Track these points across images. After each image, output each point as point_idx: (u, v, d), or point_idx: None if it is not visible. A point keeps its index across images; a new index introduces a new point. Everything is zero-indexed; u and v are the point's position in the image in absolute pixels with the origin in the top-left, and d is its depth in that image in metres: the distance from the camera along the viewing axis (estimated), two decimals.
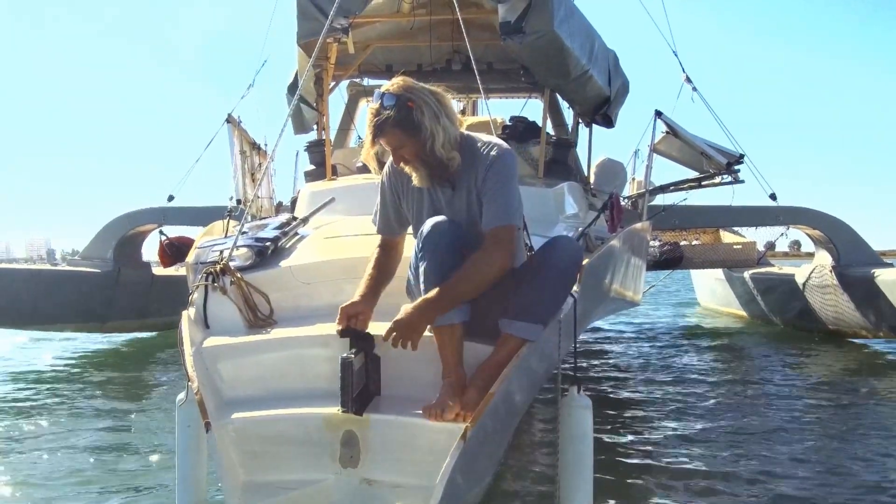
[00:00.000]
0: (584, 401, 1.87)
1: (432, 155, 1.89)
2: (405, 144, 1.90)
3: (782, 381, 4.94)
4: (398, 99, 1.87)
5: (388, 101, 1.87)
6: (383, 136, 1.89)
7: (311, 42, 3.99)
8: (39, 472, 2.98)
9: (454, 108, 1.98)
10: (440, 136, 1.88)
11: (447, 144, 1.90)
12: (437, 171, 1.94)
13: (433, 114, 1.88)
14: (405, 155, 1.93)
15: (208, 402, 1.77)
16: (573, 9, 4.30)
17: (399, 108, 1.86)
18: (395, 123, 1.86)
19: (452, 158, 1.92)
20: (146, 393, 4.80)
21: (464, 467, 1.51)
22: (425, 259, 1.86)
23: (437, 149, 1.88)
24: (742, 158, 5.59)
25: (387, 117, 1.86)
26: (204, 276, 2.17)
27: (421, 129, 1.87)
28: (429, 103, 1.89)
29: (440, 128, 1.88)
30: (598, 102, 5.04)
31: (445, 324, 1.82)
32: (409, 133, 1.88)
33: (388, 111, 1.86)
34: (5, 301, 5.92)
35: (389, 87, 1.90)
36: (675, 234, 8.09)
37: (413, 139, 1.88)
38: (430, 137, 1.87)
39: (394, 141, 1.90)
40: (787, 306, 7.43)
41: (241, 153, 5.79)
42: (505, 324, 1.83)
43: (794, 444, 3.28)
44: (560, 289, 1.89)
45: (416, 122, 1.87)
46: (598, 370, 5.49)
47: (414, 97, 1.88)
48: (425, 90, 1.92)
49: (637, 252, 4.17)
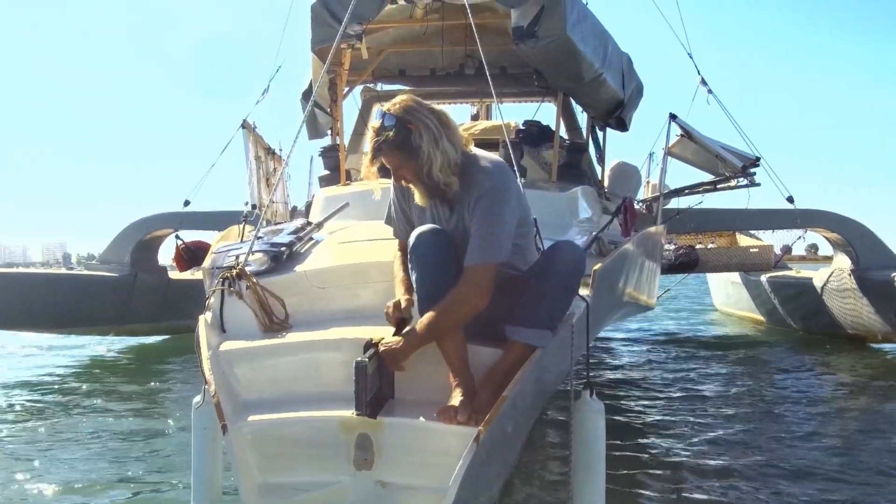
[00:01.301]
0: (596, 404, 1.87)
1: (429, 178, 1.90)
2: (404, 166, 1.92)
3: (799, 385, 4.88)
4: (398, 120, 1.86)
5: (388, 121, 1.87)
6: (382, 155, 1.91)
7: (324, 48, 4.04)
8: (56, 473, 3.03)
9: (457, 128, 1.97)
10: (437, 160, 1.87)
11: (445, 169, 1.89)
12: (435, 193, 1.95)
13: (433, 137, 1.87)
14: (405, 175, 1.95)
15: (225, 404, 1.79)
16: (586, 12, 4.31)
17: (399, 130, 1.86)
18: (394, 145, 1.87)
19: (450, 184, 1.91)
20: (161, 396, 4.85)
21: (477, 470, 1.52)
22: (414, 270, 1.91)
23: (435, 173, 1.88)
24: (758, 161, 5.54)
25: (386, 138, 1.87)
26: (220, 280, 2.20)
27: (419, 152, 1.87)
28: (429, 126, 1.88)
29: (438, 152, 1.87)
30: (611, 106, 5.04)
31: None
32: (408, 155, 1.88)
33: (387, 132, 1.86)
34: (26, 305, 6.04)
35: (391, 107, 1.90)
36: (691, 237, 8.03)
37: (411, 161, 1.89)
38: (427, 161, 1.87)
39: (393, 162, 1.92)
40: (805, 310, 7.34)
41: (255, 158, 5.85)
42: (511, 330, 1.85)
43: (812, 450, 3.24)
44: (563, 294, 1.90)
45: (415, 145, 1.86)
46: (612, 374, 5.46)
47: (414, 120, 1.87)
48: (427, 111, 1.91)
49: (651, 256, 4.16)
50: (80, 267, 7.97)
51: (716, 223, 7.33)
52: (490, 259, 1.87)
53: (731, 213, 6.97)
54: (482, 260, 1.86)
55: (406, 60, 5.51)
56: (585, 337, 2.05)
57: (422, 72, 5.48)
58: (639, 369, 5.76)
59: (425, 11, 4.64)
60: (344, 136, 4.84)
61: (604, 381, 5.07)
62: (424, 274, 1.89)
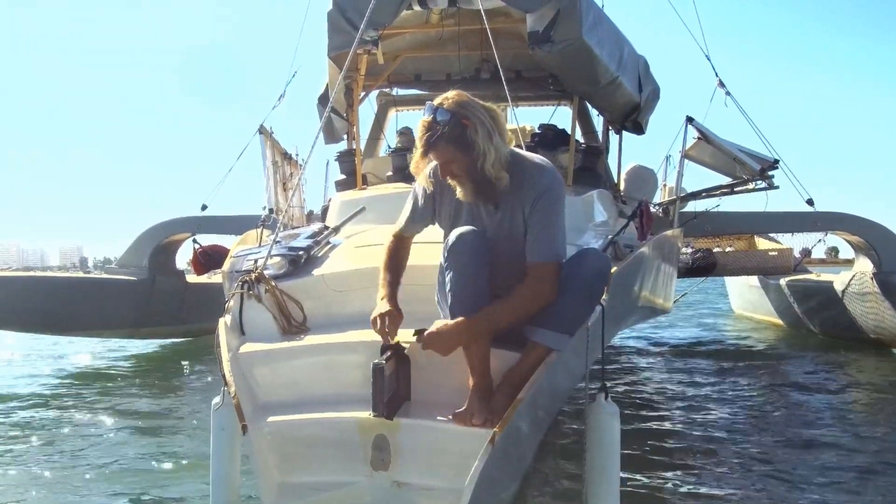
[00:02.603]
0: (611, 408, 1.88)
1: (481, 173, 1.90)
2: (456, 160, 1.90)
3: (820, 390, 4.82)
4: (453, 116, 1.86)
5: (441, 115, 1.86)
6: (434, 150, 1.90)
7: (341, 54, 4.08)
8: (74, 473, 3.09)
9: (506, 125, 1.98)
10: (491, 155, 1.87)
11: (497, 164, 1.89)
12: (483, 189, 1.94)
13: (487, 133, 1.87)
14: (454, 170, 1.93)
15: (245, 405, 1.83)
16: (602, 16, 4.30)
17: (453, 125, 1.85)
18: (449, 140, 1.86)
19: (501, 178, 1.92)
20: (178, 397, 4.92)
21: (492, 471, 1.53)
22: (451, 269, 1.88)
23: (488, 168, 1.88)
24: (777, 164, 5.49)
25: (441, 133, 1.86)
26: (240, 284, 2.24)
27: (474, 147, 1.86)
28: (483, 122, 1.88)
29: (492, 147, 1.87)
30: (627, 109, 5.02)
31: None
32: (462, 150, 1.88)
33: (441, 126, 1.86)
34: (45, 308, 6.14)
35: (443, 102, 1.89)
36: (709, 240, 7.96)
37: (465, 157, 1.88)
38: (481, 156, 1.87)
39: (445, 156, 1.90)
40: (826, 314, 7.24)
41: (273, 163, 5.91)
42: (531, 332, 1.85)
43: (833, 456, 3.20)
44: (587, 301, 1.90)
45: (470, 140, 1.86)
46: (627, 377, 5.43)
47: (469, 115, 1.87)
48: (480, 108, 1.91)
49: (667, 259, 4.14)
50: (98, 271, 8.11)
51: (733, 226, 7.26)
52: (557, 257, 1.90)
53: (750, 216, 6.90)
54: (551, 257, 1.90)
55: (422, 65, 5.54)
56: (601, 340, 2.05)
57: (437, 76, 5.51)
58: (655, 373, 5.72)
59: (441, 17, 4.67)
60: (360, 141, 4.87)
61: (619, 385, 5.04)
62: (464, 275, 1.86)
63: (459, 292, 1.86)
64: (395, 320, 1.91)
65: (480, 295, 1.87)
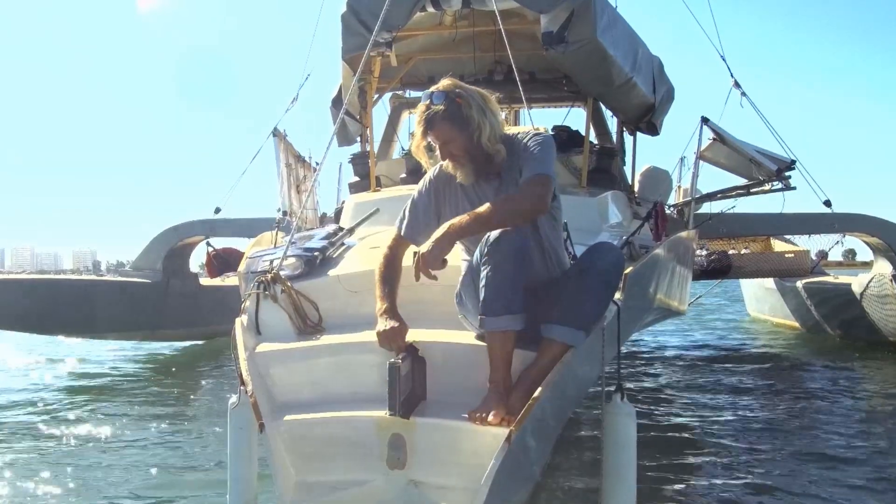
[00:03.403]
0: (627, 408, 1.87)
1: (479, 148, 1.98)
2: (454, 138, 1.98)
3: (838, 394, 4.76)
4: (447, 95, 1.97)
5: (437, 98, 1.97)
6: (433, 130, 1.98)
7: (355, 56, 4.10)
8: (90, 475, 3.12)
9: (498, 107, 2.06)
10: (486, 129, 1.96)
11: (493, 137, 1.98)
12: (483, 166, 2.02)
13: (480, 108, 1.97)
14: (453, 150, 2.00)
15: (261, 404, 1.84)
16: (616, 17, 4.29)
17: (448, 103, 1.95)
18: (445, 117, 1.95)
19: (498, 151, 2.00)
20: (193, 398, 4.95)
21: (508, 470, 1.53)
22: (490, 264, 1.82)
23: (484, 141, 1.97)
24: (793, 164, 5.44)
25: (436, 111, 1.95)
26: (256, 284, 2.25)
27: (469, 122, 1.95)
28: (475, 99, 1.98)
29: (486, 122, 1.97)
30: (642, 110, 5.00)
31: (500, 329, 1.82)
32: (458, 126, 1.96)
33: (437, 106, 1.95)
34: (60, 310, 6.19)
35: (438, 87, 2.00)
36: (724, 242, 7.89)
37: (462, 133, 1.97)
38: (477, 130, 1.96)
39: (443, 135, 1.98)
40: (843, 317, 7.15)
41: (286, 166, 5.95)
42: (547, 328, 1.84)
43: (849, 463, 3.15)
44: (602, 294, 1.90)
45: (465, 115, 1.95)
46: (643, 378, 5.40)
47: (462, 94, 1.98)
48: (472, 88, 2.03)
49: (682, 261, 4.11)
50: (111, 274, 8.20)
51: (749, 228, 7.20)
52: (550, 172, 1.93)
53: (766, 218, 6.84)
54: (543, 170, 1.94)
55: (435, 67, 5.55)
56: (616, 340, 2.04)
57: None
58: (670, 375, 5.68)
59: (454, 18, 4.68)
60: (374, 143, 4.89)
61: (635, 386, 5.01)
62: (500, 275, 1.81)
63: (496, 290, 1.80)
64: (401, 332, 1.88)
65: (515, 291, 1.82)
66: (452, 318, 2.05)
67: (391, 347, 1.86)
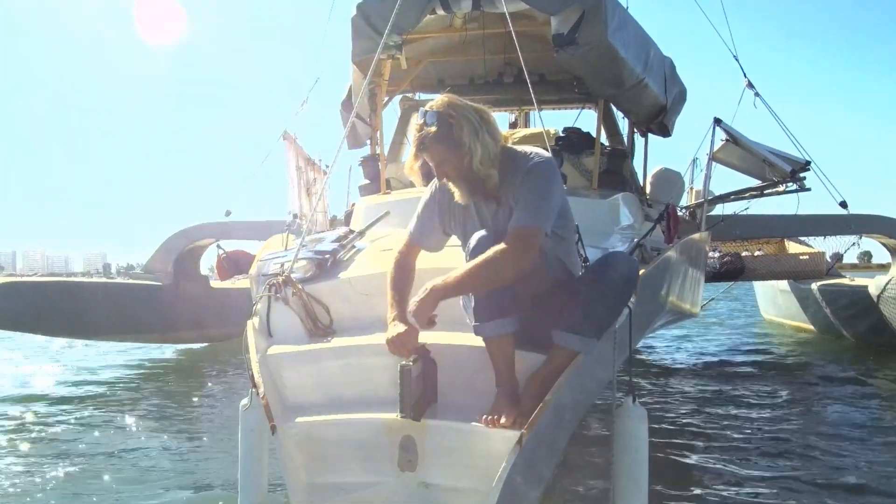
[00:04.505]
0: (639, 411, 1.86)
1: (470, 171, 1.93)
2: (447, 160, 1.93)
3: (854, 397, 4.70)
4: (439, 116, 1.91)
5: (430, 118, 1.92)
6: (425, 151, 1.95)
7: (365, 59, 4.11)
8: (104, 473, 3.14)
9: (497, 124, 2.01)
10: (478, 152, 1.90)
11: (486, 161, 1.92)
12: (476, 188, 1.97)
13: (473, 130, 1.91)
14: (447, 170, 1.97)
15: (273, 406, 1.85)
16: (627, 17, 4.27)
17: (440, 124, 1.90)
18: (436, 139, 1.91)
19: (490, 176, 1.94)
20: (204, 400, 4.97)
21: (520, 473, 1.53)
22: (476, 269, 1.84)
23: (476, 165, 1.91)
24: (808, 165, 5.38)
25: (428, 133, 1.91)
26: (267, 287, 2.27)
27: (460, 145, 1.90)
28: (470, 119, 1.92)
29: (479, 144, 1.90)
30: (653, 111, 4.97)
31: (496, 335, 1.84)
32: (451, 149, 1.91)
33: (430, 127, 1.91)
34: (72, 313, 6.22)
35: (433, 105, 1.96)
36: (737, 244, 7.82)
37: (454, 155, 1.92)
38: (468, 154, 1.90)
39: (436, 156, 1.94)
40: (859, 319, 7.06)
41: (296, 168, 5.97)
42: (558, 336, 1.84)
43: (867, 468, 3.11)
44: (615, 303, 1.88)
45: (456, 138, 1.90)
46: (655, 381, 5.36)
47: (455, 114, 1.92)
48: (468, 107, 1.95)
49: (694, 263, 4.08)
50: (121, 276, 8.25)
51: (763, 230, 7.13)
52: (539, 222, 1.86)
53: (780, 220, 6.77)
54: (531, 221, 1.86)
55: (445, 70, 5.56)
56: (628, 342, 2.03)
57: (460, 81, 5.52)
58: (682, 378, 5.63)
59: (464, 20, 4.68)
60: (384, 146, 4.90)
61: (647, 389, 4.98)
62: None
63: (481, 298, 1.85)
64: (412, 338, 1.89)
65: (503, 294, 1.85)
66: (463, 321, 2.05)
67: (401, 353, 1.85)
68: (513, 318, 1.85)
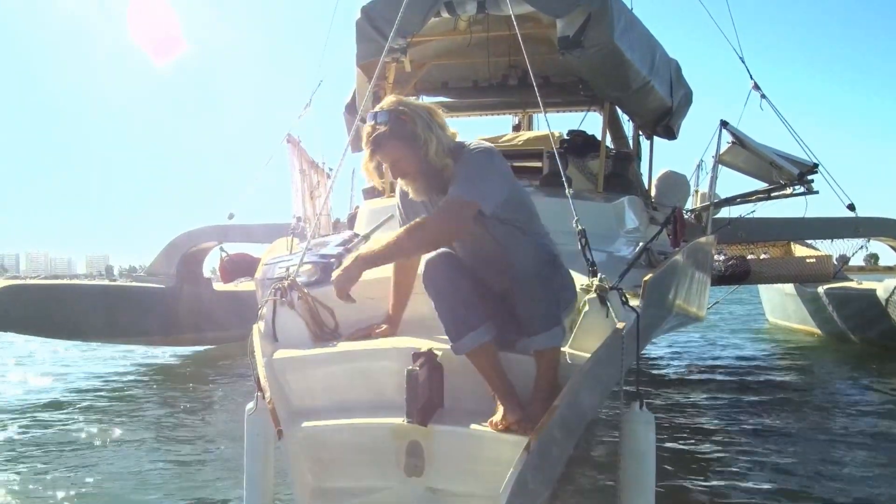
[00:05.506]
0: (646, 416, 1.84)
1: (427, 163, 1.95)
2: (403, 156, 1.96)
3: (862, 402, 4.67)
4: (391, 114, 1.95)
5: (381, 117, 1.95)
6: (381, 150, 1.96)
7: (369, 62, 4.11)
8: (108, 478, 3.13)
9: (445, 119, 2.04)
10: (433, 143, 1.94)
11: (440, 151, 1.95)
12: (433, 181, 1.99)
13: (425, 123, 1.95)
14: (404, 167, 1.98)
15: (279, 410, 1.84)
16: (633, 20, 4.26)
17: (392, 121, 1.94)
18: (391, 135, 1.93)
19: (447, 165, 1.97)
20: (208, 403, 4.95)
21: (527, 478, 1.51)
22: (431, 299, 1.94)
23: (432, 156, 1.94)
24: (816, 168, 5.35)
25: (382, 131, 1.93)
26: (272, 291, 2.26)
27: (415, 137, 1.93)
28: (420, 115, 1.96)
29: (433, 136, 1.94)
30: (659, 114, 4.96)
31: (469, 350, 1.86)
32: (406, 143, 1.94)
33: (383, 126, 1.93)
34: (75, 315, 6.19)
35: (381, 106, 1.99)
36: (742, 247, 7.77)
37: (410, 149, 1.94)
38: (423, 146, 1.94)
39: (392, 153, 1.96)
40: (868, 323, 7.00)
41: (300, 172, 5.97)
42: (525, 344, 1.87)
43: (876, 473, 3.08)
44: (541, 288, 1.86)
45: (410, 131, 1.93)
46: (662, 387, 5.33)
47: (406, 109, 1.96)
48: (418, 104, 2.02)
49: (701, 267, 4.06)
50: (124, 279, 8.23)
51: (770, 233, 7.09)
52: (471, 196, 1.87)
53: (786, 222, 6.74)
54: (460, 193, 1.88)
55: (448, 73, 5.55)
56: (635, 347, 2.01)
57: (464, 84, 5.51)
58: (689, 383, 5.60)
59: (469, 23, 4.68)
60: None
61: (654, 394, 4.95)
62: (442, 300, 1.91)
63: (446, 318, 1.89)
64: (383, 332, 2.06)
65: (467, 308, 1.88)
66: None
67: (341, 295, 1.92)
68: (485, 327, 1.87)
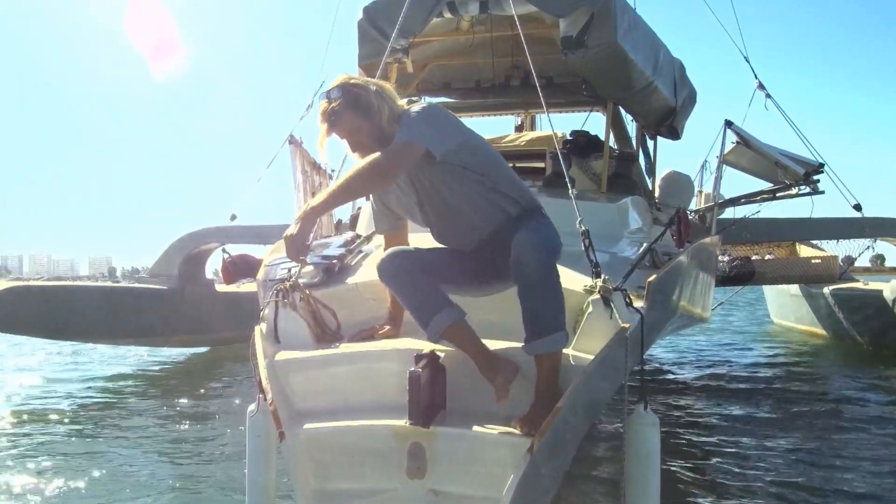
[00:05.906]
0: (650, 418, 1.83)
1: (381, 132, 1.98)
2: (360, 126, 1.99)
3: (870, 404, 4.63)
4: (343, 88, 2.00)
5: (335, 93, 2.00)
6: (339, 122, 2.00)
7: (371, 63, 4.10)
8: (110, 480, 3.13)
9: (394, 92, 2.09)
10: (386, 111, 2.00)
11: (391, 118, 2.01)
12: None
13: (377, 94, 2.02)
14: (361, 139, 2.02)
15: (281, 413, 1.83)
16: (636, 19, 4.25)
17: (346, 95, 1.99)
18: (347, 106, 1.98)
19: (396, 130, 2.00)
20: (209, 405, 4.93)
21: (530, 480, 1.50)
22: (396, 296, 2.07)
23: (384, 124, 1.99)
24: (822, 168, 5.32)
25: (338, 104, 1.98)
26: (274, 292, 2.25)
27: (370, 106, 1.99)
28: (371, 86, 2.03)
29: (385, 105, 2.01)
30: (663, 114, 4.94)
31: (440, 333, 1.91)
32: (363, 114, 1.99)
33: (337, 101, 1.99)
34: (79, 316, 6.22)
35: (333, 84, 2.04)
36: (747, 248, 7.74)
37: (367, 119, 1.99)
38: (378, 114, 1.99)
39: (348, 125, 2.00)
40: (874, 324, 6.96)
41: (302, 173, 5.96)
42: (527, 348, 1.86)
43: (881, 477, 3.05)
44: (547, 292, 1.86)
45: (365, 101, 1.99)
46: (666, 388, 5.31)
47: (358, 82, 2.04)
48: (366, 78, 2.10)
49: (705, 268, 4.04)
50: (126, 280, 8.25)
51: (775, 233, 7.05)
52: (412, 136, 1.91)
53: (791, 223, 6.70)
54: (405, 135, 1.91)
55: (451, 73, 5.54)
56: (640, 349, 2.00)
57: (467, 84, 5.50)
58: (693, 384, 5.58)
59: (471, 23, 4.67)
60: None
61: (658, 396, 4.92)
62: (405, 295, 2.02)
63: (412, 312, 1.97)
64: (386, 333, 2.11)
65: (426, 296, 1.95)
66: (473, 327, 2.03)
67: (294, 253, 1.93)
68: (449, 308, 1.93)
